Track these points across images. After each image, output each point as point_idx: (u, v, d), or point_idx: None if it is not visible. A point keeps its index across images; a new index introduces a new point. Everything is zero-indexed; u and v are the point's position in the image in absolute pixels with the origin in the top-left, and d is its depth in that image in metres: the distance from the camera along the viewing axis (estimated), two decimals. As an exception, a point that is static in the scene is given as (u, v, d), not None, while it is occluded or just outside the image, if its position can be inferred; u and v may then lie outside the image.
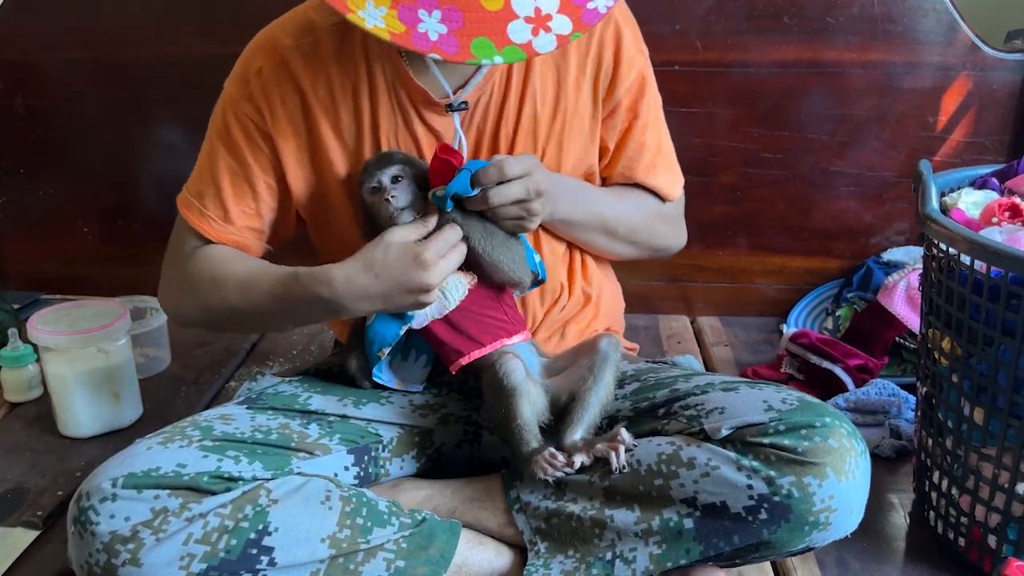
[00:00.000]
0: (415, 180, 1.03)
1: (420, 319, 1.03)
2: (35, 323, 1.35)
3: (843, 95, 1.69)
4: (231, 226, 1.10)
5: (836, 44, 1.66)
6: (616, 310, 1.29)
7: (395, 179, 1.02)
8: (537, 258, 1.09)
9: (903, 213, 1.76)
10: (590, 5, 0.91)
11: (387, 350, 1.04)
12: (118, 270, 1.90)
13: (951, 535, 1.12)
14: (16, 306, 1.75)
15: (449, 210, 0.99)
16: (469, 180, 0.98)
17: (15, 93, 1.82)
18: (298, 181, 1.10)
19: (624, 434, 0.98)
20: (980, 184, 1.20)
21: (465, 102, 1.06)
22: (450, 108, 1.06)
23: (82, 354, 1.35)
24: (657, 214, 1.21)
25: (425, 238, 0.99)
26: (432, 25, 0.86)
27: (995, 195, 1.16)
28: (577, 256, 1.20)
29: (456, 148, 1.04)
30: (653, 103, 1.17)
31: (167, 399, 1.50)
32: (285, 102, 1.06)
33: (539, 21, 0.88)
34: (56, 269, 1.94)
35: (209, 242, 1.11)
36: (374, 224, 1.04)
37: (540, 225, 1.06)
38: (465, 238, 1.01)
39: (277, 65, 1.06)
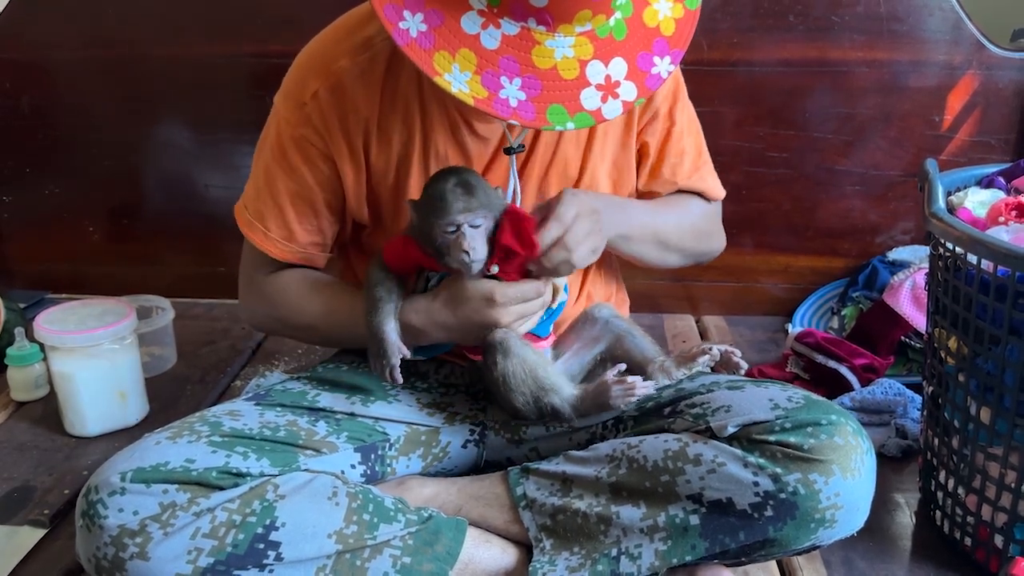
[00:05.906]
0: (488, 232, 0.99)
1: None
2: (41, 322, 1.36)
3: (848, 94, 1.69)
4: (296, 244, 1.13)
5: (841, 43, 1.66)
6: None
7: (474, 226, 0.98)
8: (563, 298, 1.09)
9: (909, 212, 1.76)
10: (654, 70, 0.94)
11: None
12: (124, 269, 1.91)
13: (957, 534, 1.12)
14: (22, 305, 1.75)
15: None
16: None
17: (21, 92, 1.83)
18: (355, 192, 1.11)
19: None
20: (986, 183, 1.20)
21: (523, 145, 1.07)
22: (508, 151, 1.07)
23: (88, 353, 1.35)
24: (703, 215, 1.25)
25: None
26: (512, 92, 0.89)
27: (1001, 194, 1.16)
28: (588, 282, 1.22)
29: (517, 205, 1.04)
30: (688, 109, 1.20)
31: (173, 398, 1.51)
32: (343, 122, 1.06)
33: (608, 88, 0.91)
34: (62, 268, 1.94)
35: (278, 263, 1.14)
36: (429, 244, 1.00)
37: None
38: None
39: (333, 87, 1.05)
